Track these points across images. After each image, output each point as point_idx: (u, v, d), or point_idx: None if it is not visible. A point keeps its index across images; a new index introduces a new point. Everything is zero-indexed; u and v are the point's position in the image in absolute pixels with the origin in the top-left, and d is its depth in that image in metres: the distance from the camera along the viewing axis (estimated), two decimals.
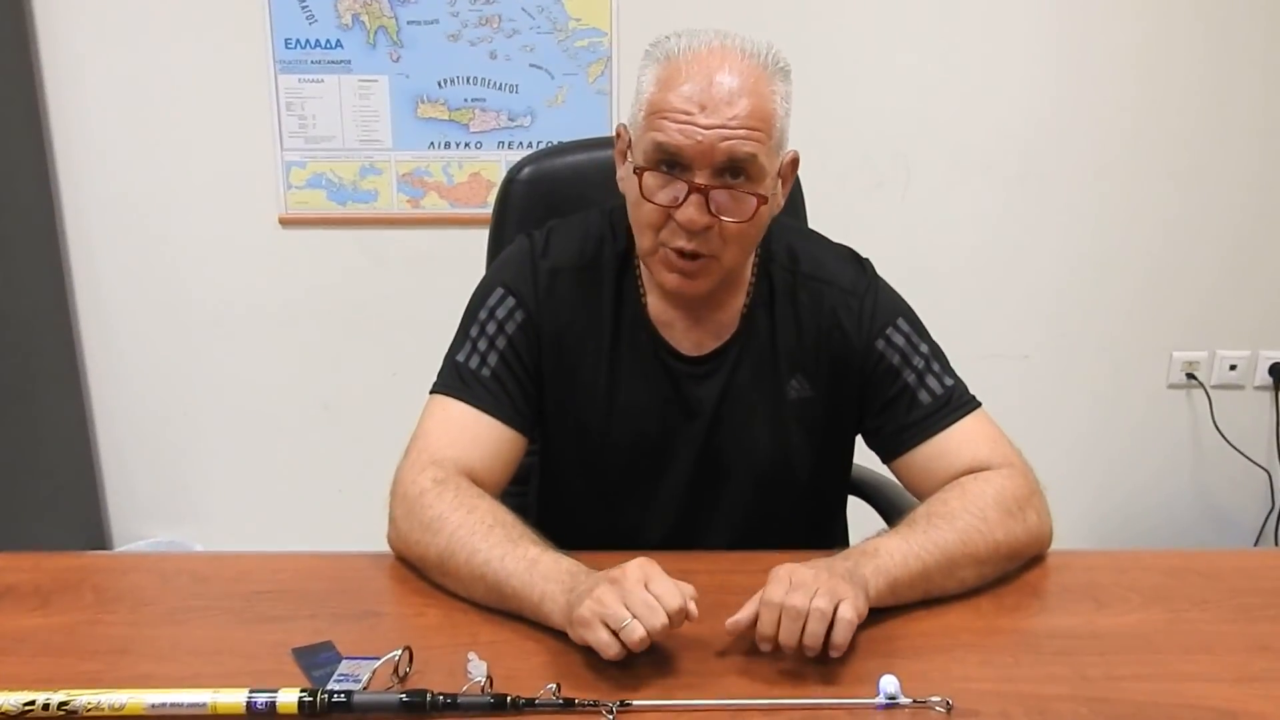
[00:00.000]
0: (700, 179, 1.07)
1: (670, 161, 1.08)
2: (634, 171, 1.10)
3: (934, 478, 1.16)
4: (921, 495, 1.18)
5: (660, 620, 0.88)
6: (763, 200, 1.09)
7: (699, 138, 1.05)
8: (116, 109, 2.29)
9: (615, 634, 0.88)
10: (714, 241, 1.10)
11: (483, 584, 1.01)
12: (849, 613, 0.91)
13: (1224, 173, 2.39)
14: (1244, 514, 2.63)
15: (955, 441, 1.17)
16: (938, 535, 1.04)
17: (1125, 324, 2.49)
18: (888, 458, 1.23)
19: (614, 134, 1.19)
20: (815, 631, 0.90)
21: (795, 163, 1.17)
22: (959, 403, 1.20)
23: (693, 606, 0.91)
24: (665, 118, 1.06)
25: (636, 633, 0.88)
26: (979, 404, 1.21)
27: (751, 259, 1.22)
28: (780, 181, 1.14)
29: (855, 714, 0.86)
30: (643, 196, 1.10)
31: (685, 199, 1.07)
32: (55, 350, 2.38)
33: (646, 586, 0.90)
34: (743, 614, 0.94)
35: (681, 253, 1.10)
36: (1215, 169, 2.38)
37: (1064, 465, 2.56)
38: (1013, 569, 1.11)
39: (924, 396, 1.19)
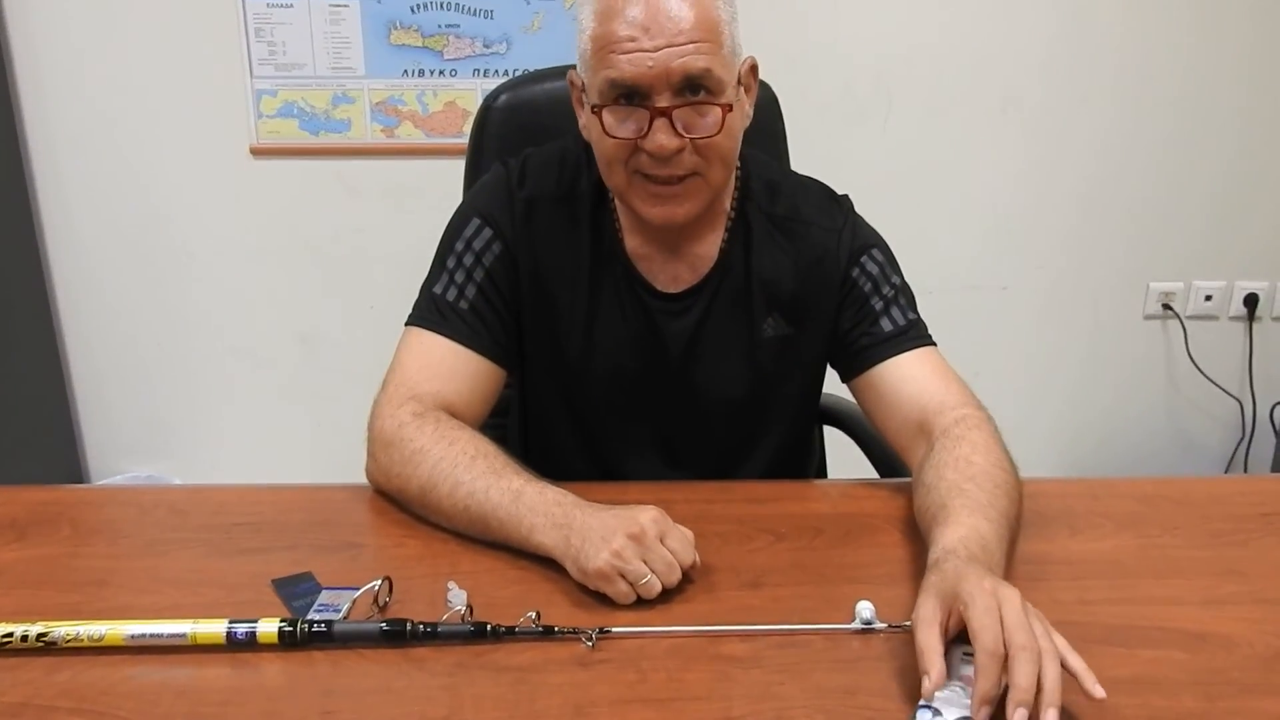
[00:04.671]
0: (661, 102, 1.05)
1: (627, 93, 1.06)
2: (592, 111, 1.08)
3: (889, 399, 1.17)
4: (875, 416, 1.20)
5: (677, 577, 0.92)
6: (726, 108, 1.07)
7: (650, 63, 1.03)
8: (80, 37, 2.23)
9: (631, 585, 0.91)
10: (690, 161, 1.08)
11: (466, 516, 1.01)
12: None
13: (1204, 105, 2.38)
14: (1215, 442, 2.67)
15: (914, 369, 1.17)
16: (999, 504, 0.99)
17: (1103, 255, 2.50)
18: (846, 375, 1.23)
19: (568, 83, 1.16)
20: (1050, 671, 0.75)
21: (754, 69, 1.15)
22: (917, 334, 1.20)
23: (697, 557, 0.94)
24: (612, 50, 1.04)
25: (655, 589, 0.91)
26: (935, 345, 1.21)
27: (731, 189, 1.21)
28: (743, 90, 1.13)
29: (831, 639, 0.87)
30: (606, 134, 1.08)
31: (650, 127, 1.05)
32: (26, 286, 2.34)
33: (662, 541, 0.92)
34: (934, 673, 0.76)
35: (658, 179, 1.09)
36: (1196, 101, 2.38)
37: (1040, 394, 2.59)
38: None
39: (886, 323, 1.19)
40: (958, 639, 0.81)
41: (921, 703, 0.76)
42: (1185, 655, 0.86)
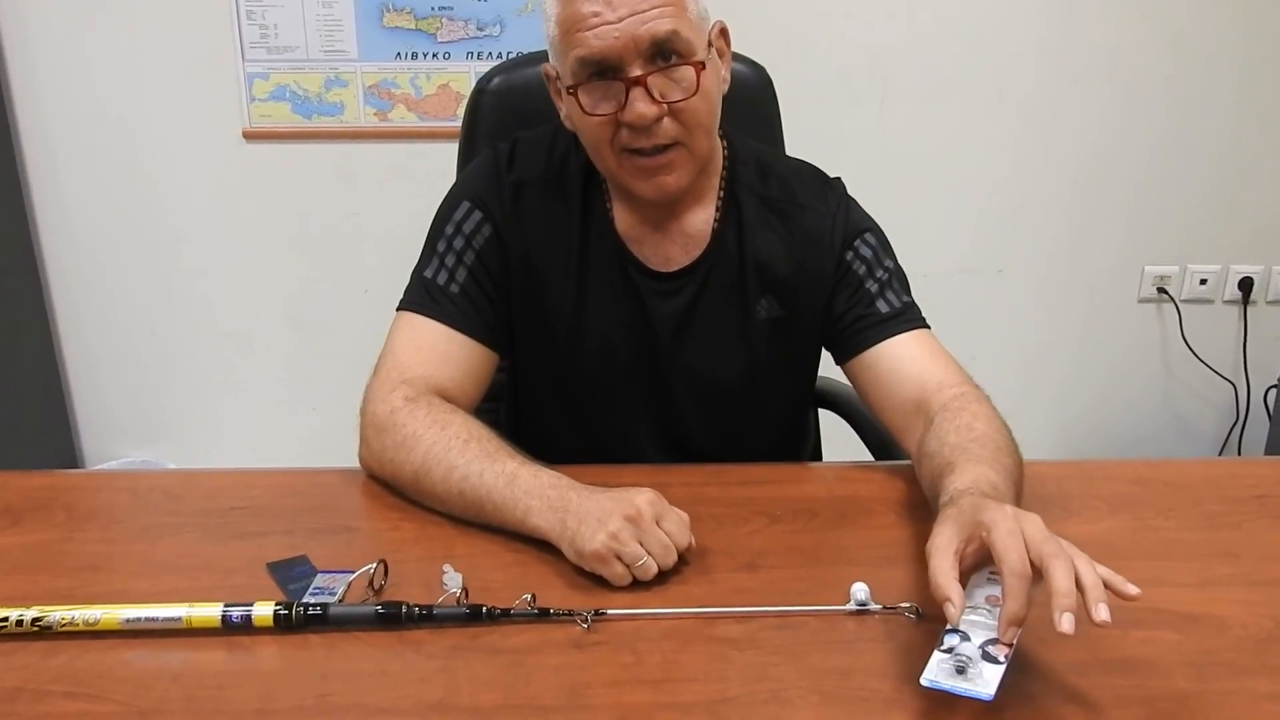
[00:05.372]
0: (634, 72, 1.05)
1: (599, 69, 1.06)
2: (568, 92, 1.08)
3: (886, 379, 1.17)
4: (871, 397, 1.19)
5: (673, 559, 0.92)
6: (699, 66, 1.07)
7: (616, 34, 1.03)
8: (71, 21, 2.21)
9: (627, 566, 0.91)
10: (671, 130, 1.08)
11: (461, 500, 1.01)
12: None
13: (1199, 90, 2.37)
14: (1209, 425, 2.68)
15: (911, 349, 1.17)
16: (1004, 461, 0.99)
17: (1098, 239, 2.50)
18: (842, 357, 1.23)
19: (544, 76, 1.17)
20: (1087, 571, 0.75)
21: (724, 33, 1.15)
22: (913, 317, 1.20)
23: (693, 539, 0.94)
24: (579, 29, 1.05)
25: (651, 570, 0.91)
26: (930, 328, 1.21)
27: (719, 166, 1.21)
28: (715, 53, 1.12)
29: (826, 620, 0.87)
30: (586, 113, 1.08)
31: (627, 98, 1.06)
32: (19, 272, 2.34)
33: (658, 524, 0.92)
34: (955, 597, 0.75)
35: (644, 152, 1.09)
36: (1191, 86, 2.37)
37: (1036, 378, 2.59)
38: None
39: (882, 305, 1.19)
40: (977, 567, 0.81)
41: (948, 627, 0.75)
42: (1178, 636, 0.86)
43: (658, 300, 1.21)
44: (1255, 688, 0.80)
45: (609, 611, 0.87)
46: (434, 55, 2.25)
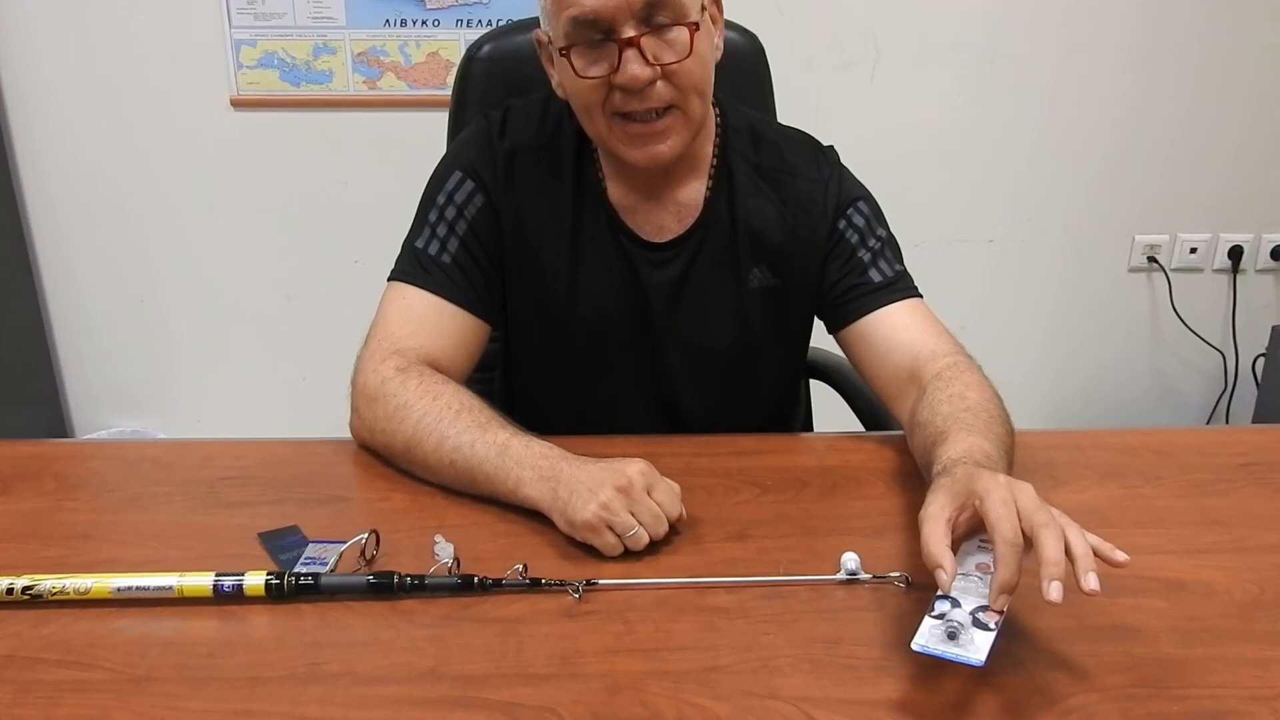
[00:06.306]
0: (627, 33, 1.04)
1: (592, 30, 1.05)
2: (559, 54, 1.07)
3: (880, 348, 1.17)
4: (864, 366, 1.20)
5: (664, 529, 0.93)
6: (693, 27, 1.06)
7: None
8: None
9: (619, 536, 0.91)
10: (665, 93, 1.07)
11: (452, 470, 1.01)
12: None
13: (1187, 57, 2.36)
14: (1198, 394, 2.69)
15: (904, 318, 1.17)
16: (996, 430, 1.00)
17: (1089, 208, 2.50)
18: (834, 326, 1.23)
19: (534, 43, 1.16)
20: (1077, 540, 0.76)
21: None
22: (905, 286, 1.20)
23: (684, 509, 0.94)
24: None
25: (643, 540, 0.91)
26: (922, 297, 1.21)
27: (712, 134, 1.20)
28: (710, 19, 1.12)
29: (817, 590, 0.88)
30: (578, 75, 1.07)
31: (620, 60, 1.05)
32: (6, 241, 2.32)
33: (649, 494, 0.92)
34: (947, 564, 0.75)
35: (637, 117, 1.08)
36: (1179, 54, 2.36)
37: (1027, 348, 2.60)
38: None
39: (875, 274, 1.19)
40: (969, 535, 0.81)
41: (939, 594, 0.76)
42: (1165, 603, 0.87)
43: (651, 270, 1.21)
44: (1241, 654, 0.80)
45: (600, 581, 0.87)
46: (423, 22, 2.23)
